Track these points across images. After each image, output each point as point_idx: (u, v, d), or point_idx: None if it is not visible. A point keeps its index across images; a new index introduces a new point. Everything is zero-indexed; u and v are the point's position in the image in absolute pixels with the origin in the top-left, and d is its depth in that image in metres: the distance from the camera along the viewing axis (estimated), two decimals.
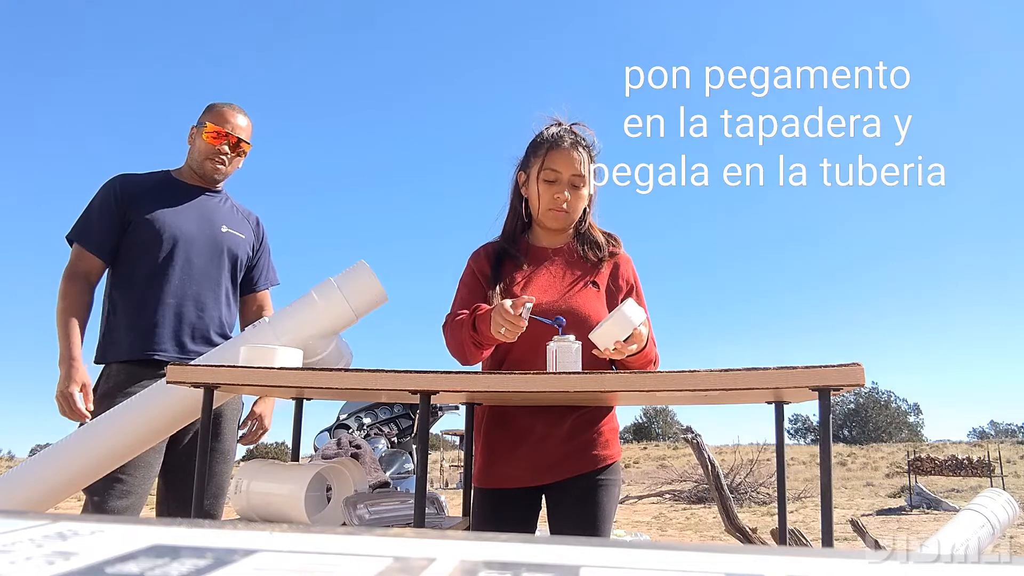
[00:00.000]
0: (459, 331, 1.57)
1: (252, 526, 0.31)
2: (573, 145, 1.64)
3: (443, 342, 1.66)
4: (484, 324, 1.50)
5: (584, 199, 1.67)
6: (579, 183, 1.64)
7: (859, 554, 0.27)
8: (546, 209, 1.65)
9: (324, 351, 2.08)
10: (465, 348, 1.56)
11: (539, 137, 1.68)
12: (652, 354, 1.59)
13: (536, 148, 1.67)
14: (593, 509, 1.57)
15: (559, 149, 1.63)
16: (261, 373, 1.45)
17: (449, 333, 1.63)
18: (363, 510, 1.45)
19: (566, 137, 1.65)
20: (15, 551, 0.26)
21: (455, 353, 1.62)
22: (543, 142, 1.66)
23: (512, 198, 1.74)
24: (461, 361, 1.62)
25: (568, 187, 1.63)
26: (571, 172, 1.63)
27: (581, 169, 1.63)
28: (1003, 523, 3.22)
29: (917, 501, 11.99)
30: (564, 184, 1.63)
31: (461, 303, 1.66)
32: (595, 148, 1.69)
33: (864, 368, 1.19)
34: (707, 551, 0.28)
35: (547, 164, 1.63)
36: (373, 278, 2.10)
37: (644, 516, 11.38)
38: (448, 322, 1.65)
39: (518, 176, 1.72)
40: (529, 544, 0.29)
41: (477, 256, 1.73)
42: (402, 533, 0.30)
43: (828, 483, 1.25)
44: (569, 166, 1.63)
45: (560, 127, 1.68)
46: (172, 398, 1.77)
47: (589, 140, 1.68)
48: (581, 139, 1.66)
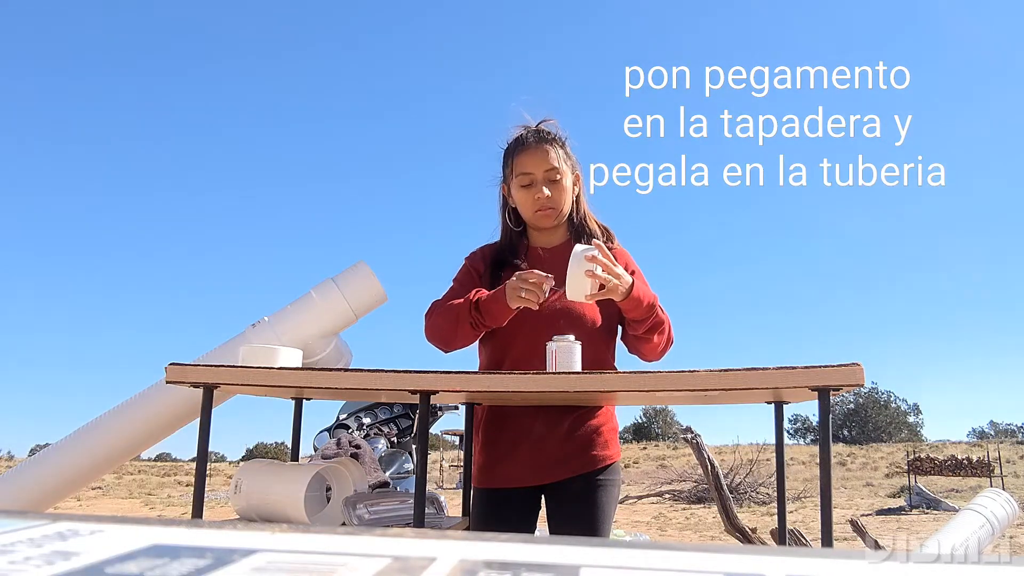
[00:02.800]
0: (452, 311, 1.55)
1: (252, 526, 0.31)
2: (538, 142, 1.63)
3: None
4: (490, 300, 1.49)
5: (566, 190, 1.65)
6: (555, 176, 1.62)
7: (859, 554, 0.27)
8: (532, 212, 1.64)
9: (324, 351, 2.08)
10: (458, 327, 1.53)
11: (507, 147, 1.69)
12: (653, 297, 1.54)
13: (506, 158, 1.68)
14: (592, 509, 1.57)
15: (525, 150, 1.63)
16: (261, 373, 1.45)
17: (438, 313, 1.59)
18: (363, 510, 1.46)
19: (529, 136, 1.65)
20: (15, 551, 0.26)
21: (441, 333, 1.58)
22: (510, 149, 1.67)
23: (502, 213, 1.74)
24: (444, 343, 1.58)
25: (545, 183, 1.62)
26: (543, 168, 1.62)
27: (553, 162, 1.62)
28: (1003, 523, 3.22)
29: (917, 501, 12.00)
30: (540, 182, 1.62)
31: (453, 295, 1.64)
32: (562, 137, 1.67)
33: (864, 368, 1.19)
34: (707, 551, 0.28)
35: (518, 169, 1.63)
36: (373, 278, 2.10)
37: (644, 516, 11.38)
38: (435, 307, 1.62)
39: (502, 189, 1.73)
40: (529, 544, 0.29)
41: (474, 257, 1.73)
42: (402, 533, 0.30)
43: (828, 483, 1.25)
44: (539, 163, 1.62)
45: (524, 129, 1.68)
46: (171, 398, 1.77)
47: (554, 131, 1.67)
48: (546, 133, 1.65)
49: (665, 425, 40.57)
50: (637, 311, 1.51)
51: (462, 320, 1.53)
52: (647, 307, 1.51)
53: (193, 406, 1.71)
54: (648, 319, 1.53)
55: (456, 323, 1.54)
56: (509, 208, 1.72)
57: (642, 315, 1.52)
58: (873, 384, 35.89)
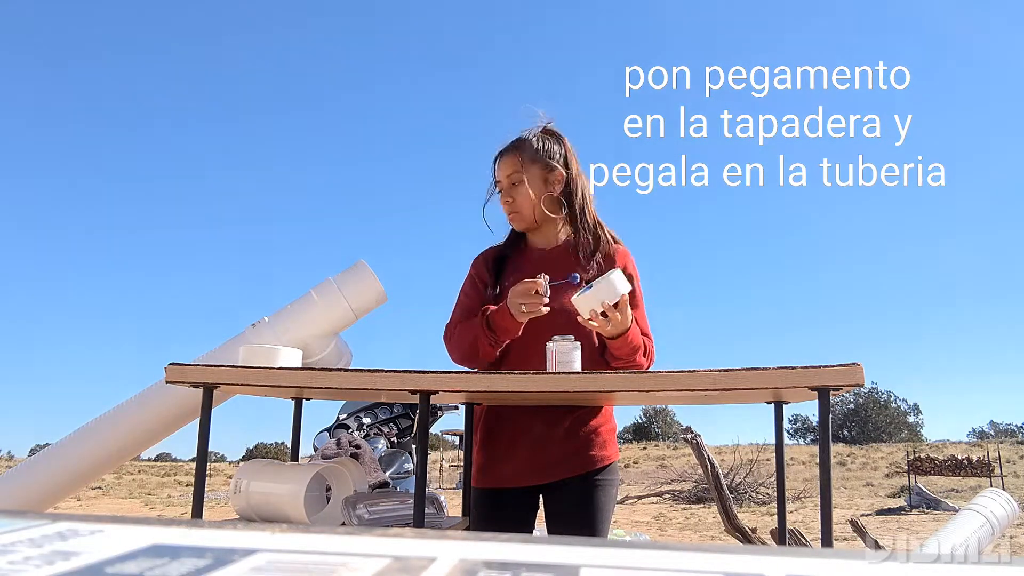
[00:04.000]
0: (470, 331, 1.58)
1: (252, 526, 0.31)
2: (502, 152, 1.71)
3: (444, 349, 1.66)
4: (498, 317, 1.52)
5: (526, 194, 1.67)
6: (515, 180, 1.68)
7: (859, 554, 0.27)
8: (507, 217, 1.71)
9: (324, 351, 2.08)
10: (479, 346, 1.57)
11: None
12: (640, 344, 1.57)
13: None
14: (590, 510, 1.57)
15: (497, 158, 1.72)
16: (261, 373, 1.45)
17: (458, 335, 1.63)
18: (362, 510, 1.46)
19: (499, 148, 1.73)
20: (15, 551, 0.26)
21: (466, 355, 1.61)
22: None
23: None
24: (473, 362, 1.62)
25: (507, 188, 1.69)
26: (505, 174, 1.69)
27: (511, 167, 1.68)
28: (1003, 523, 3.23)
29: (917, 501, 12.01)
30: (505, 189, 1.69)
31: (463, 311, 1.68)
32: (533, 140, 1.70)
33: (864, 368, 1.19)
34: (707, 551, 0.28)
35: (495, 178, 1.72)
36: (373, 278, 2.10)
37: (644, 516, 11.39)
38: (452, 329, 1.65)
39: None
40: (529, 544, 0.29)
41: (476, 263, 1.76)
42: (401, 533, 0.30)
43: (828, 483, 1.25)
44: (503, 169, 1.70)
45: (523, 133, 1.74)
46: (171, 398, 1.77)
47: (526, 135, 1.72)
48: (517, 139, 1.72)
49: (665, 425, 40.57)
50: (620, 350, 1.55)
51: (481, 341, 1.56)
52: (630, 349, 1.55)
53: (193, 406, 1.72)
54: (626, 359, 1.57)
55: (475, 344, 1.57)
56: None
57: (623, 355, 1.56)
58: (873, 384, 35.90)
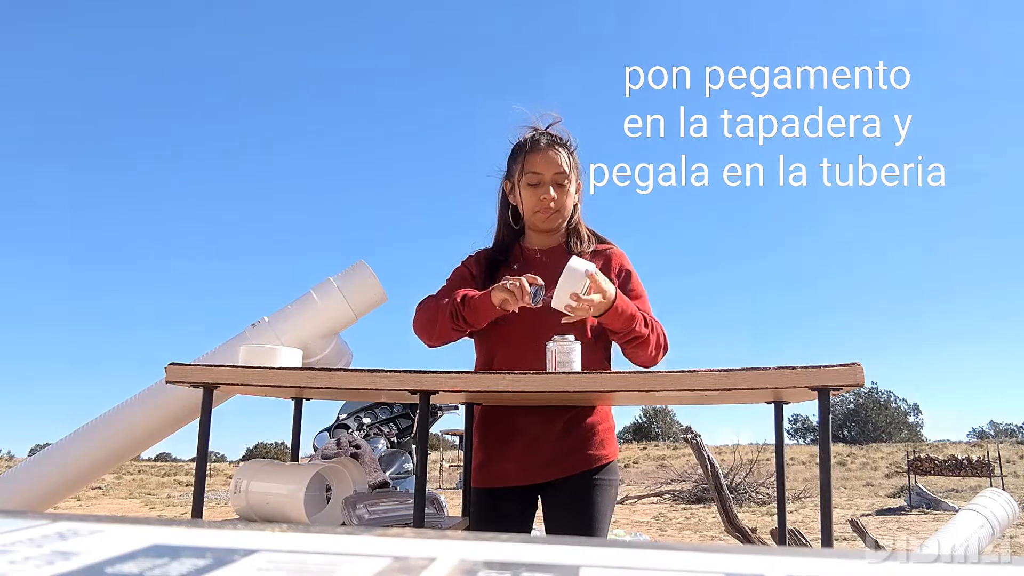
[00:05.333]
0: (437, 304, 1.60)
1: (252, 526, 0.31)
2: (550, 145, 1.67)
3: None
4: (475, 298, 1.52)
5: (571, 195, 1.69)
6: (562, 180, 1.66)
7: (859, 554, 0.27)
8: (533, 212, 1.68)
9: (324, 351, 2.08)
10: (438, 320, 1.57)
11: (517, 145, 1.72)
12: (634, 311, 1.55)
13: (515, 155, 1.71)
14: (588, 509, 1.57)
15: (537, 151, 1.67)
16: (261, 373, 1.45)
17: (425, 307, 1.64)
18: (363, 510, 1.46)
19: (542, 139, 1.69)
20: (15, 551, 0.26)
21: (424, 325, 1.62)
22: (521, 148, 1.70)
23: (500, 209, 1.77)
24: (427, 336, 1.63)
25: (552, 186, 1.66)
26: (552, 171, 1.66)
27: (563, 166, 1.66)
28: (1003, 523, 3.23)
29: (917, 501, 12.01)
30: (547, 184, 1.66)
31: (444, 294, 1.68)
32: (572, 144, 1.71)
33: (863, 368, 1.19)
34: (707, 551, 0.28)
35: (528, 168, 1.66)
36: (373, 278, 2.10)
37: (644, 516, 11.38)
38: (425, 301, 1.66)
39: (504, 185, 1.75)
40: (529, 544, 0.29)
41: (469, 260, 1.76)
42: (401, 533, 0.30)
43: (828, 483, 1.25)
44: (549, 166, 1.65)
45: (535, 131, 1.71)
46: (171, 398, 1.77)
47: (566, 137, 1.71)
48: (557, 138, 1.70)
49: (665, 425, 40.55)
50: (615, 323, 1.53)
51: (443, 313, 1.56)
52: (625, 319, 1.52)
53: (193, 406, 1.72)
54: (626, 332, 1.54)
55: (437, 316, 1.57)
56: (511, 206, 1.74)
57: (620, 327, 1.54)
58: (873, 384, 35.91)
